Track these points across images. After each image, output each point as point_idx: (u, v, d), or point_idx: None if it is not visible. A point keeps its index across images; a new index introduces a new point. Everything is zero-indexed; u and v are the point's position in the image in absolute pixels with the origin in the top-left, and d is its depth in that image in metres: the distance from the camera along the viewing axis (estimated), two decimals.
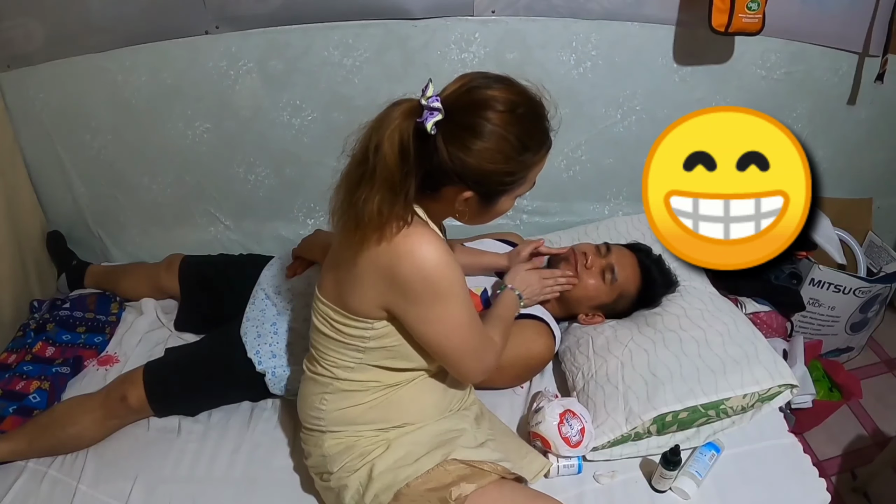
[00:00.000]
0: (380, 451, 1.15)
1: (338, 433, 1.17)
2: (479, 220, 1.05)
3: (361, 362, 1.12)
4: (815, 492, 1.27)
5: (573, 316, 1.57)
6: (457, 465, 1.12)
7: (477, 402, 1.35)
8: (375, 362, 1.12)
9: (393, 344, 1.09)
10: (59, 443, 1.35)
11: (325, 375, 1.16)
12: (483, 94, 0.92)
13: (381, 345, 1.09)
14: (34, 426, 1.37)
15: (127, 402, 1.37)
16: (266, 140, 1.85)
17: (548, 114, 0.97)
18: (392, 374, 1.14)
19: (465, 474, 1.11)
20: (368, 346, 1.09)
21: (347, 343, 1.10)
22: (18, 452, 1.34)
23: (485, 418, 1.33)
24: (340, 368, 1.14)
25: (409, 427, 1.18)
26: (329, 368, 1.15)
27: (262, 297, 1.52)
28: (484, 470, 1.13)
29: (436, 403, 1.21)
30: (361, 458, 1.15)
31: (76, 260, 1.95)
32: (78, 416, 1.36)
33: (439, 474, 1.10)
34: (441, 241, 1.00)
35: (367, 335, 1.08)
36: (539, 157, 0.98)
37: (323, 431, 1.18)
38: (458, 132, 0.90)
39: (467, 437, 1.19)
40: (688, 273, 1.61)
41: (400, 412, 1.17)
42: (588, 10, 1.67)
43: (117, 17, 1.62)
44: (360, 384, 1.14)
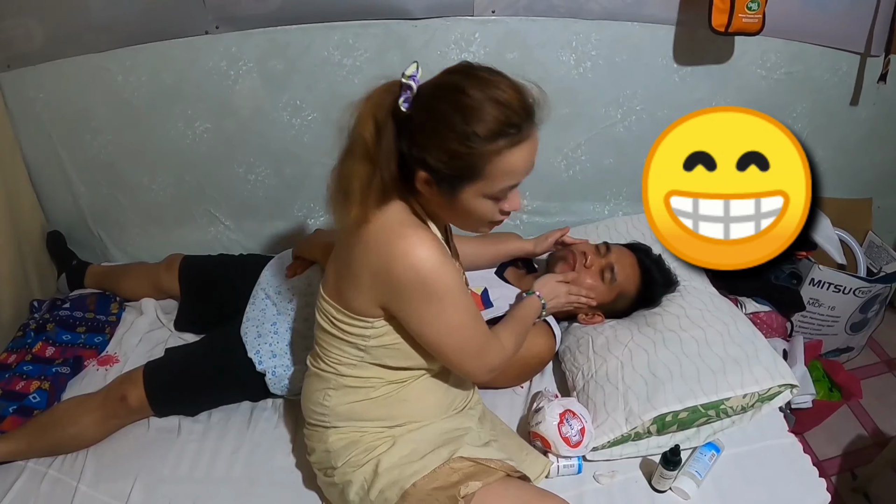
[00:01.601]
0: (385, 447, 1.15)
1: (342, 428, 1.17)
2: (453, 215, 1.03)
3: (363, 360, 1.12)
4: (815, 492, 1.27)
5: (573, 316, 1.57)
6: (463, 462, 1.12)
7: (481, 403, 1.35)
8: (377, 360, 1.12)
9: (393, 342, 1.09)
10: (59, 443, 1.35)
11: (328, 371, 1.16)
12: (451, 77, 0.94)
13: (381, 343, 1.09)
14: (34, 426, 1.37)
15: (127, 402, 1.37)
16: (266, 140, 1.85)
17: (528, 110, 0.93)
18: (394, 371, 1.14)
19: (471, 472, 1.11)
20: (369, 345, 1.09)
21: (349, 341, 1.10)
22: (18, 452, 1.34)
23: (487, 419, 1.33)
24: (343, 365, 1.14)
25: (414, 424, 1.18)
26: (332, 365, 1.15)
27: (262, 297, 1.52)
28: (490, 467, 1.13)
29: (440, 402, 1.21)
30: (367, 453, 1.15)
31: (76, 260, 1.95)
32: (78, 417, 1.36)
33: (446, 473, 1.10)
34: (436, 242, 1.00)
35: (367, 333, 1.08)
36: (494, 147, 0.91)
37: (327, 427, 1.18)
38: (418, 111, 0.92)
39: (473, 436, 1.19)
40: (688, 273, 1.61)
41: (404, 410, 1.17)
42: (588, 10, 1.67)
43: (117, 17, 1.62)
44: (364, 380, 1.14)
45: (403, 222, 1.00)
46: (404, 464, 1.12)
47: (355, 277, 1.03)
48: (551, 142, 1.89)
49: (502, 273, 1.62)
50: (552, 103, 0.96)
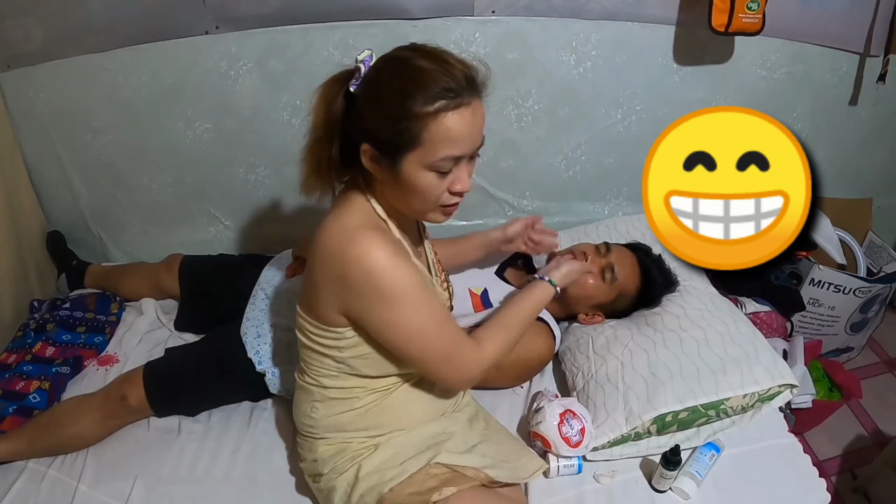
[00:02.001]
0: (368, 453, 1.16)
1: (329, 439, 1.18)
2: (400, 195, 1.00)
3: (342, 371, 1.12)
4: (815, 492, 1.27)
5: (573, 316, 1.57)
6: (440, 468, 1.12)
7: (472, 403, 1.35)
8: (355, 371, 1.12)
9: (366, 352, 1.09)
10: (59, 443, 1.35)
11: (312, 384, 1.16)
12: (397, 51, 0.97)
13: (355, 354, 1.09)
14: (34, 426, 1.37)
15: (127, 401, 1.37)
16: (266, 140, 1.85)
17: (469, 79, 0.93)
18: (374, 380, 1.14)
19: (447, 479, 1.11)
20: (345, 356, 1.09)
21: (325, 353, 1.10)
22: (18, 452, 1.34)
23: (479, 419, 1.32)
24: (325, 377, 1.14)
25: (399, 432, 1.18)
26: (315, 378, 1.15)
27: (262, 297, 1.52)
28: (465, 475, 1.13)
29: (425, 409, 1.21)
30: (351, 460, 1.16)
31: (76, 260, 1.95)
32: (78, 416, 1.36)
33: (422, 478, 1.11)
34: (390, 244, 0.99)
35: (340, 345, 1.08)
36: (430, 109, 0.90)
37: (316, 438, 1.19)
38: (364, 86, 0.95)
39: (456, 441, 1.19)
40: (688, 273, 1.61)
41: (390, 418, 1.17)
42: (588, 10, 1.67)
43: (117, 17, 1.62)
44: (347, 391, 1.14)
45: (360, 226, 1.00)
46: (384, 468, 1.13)
47: (318, 286, 1.03)
48: (551, 142, 1.90)
49: (502, 273, 1.62)
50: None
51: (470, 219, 2.04)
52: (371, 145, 0.95)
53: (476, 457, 1.17)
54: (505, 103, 1.79)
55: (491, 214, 2.04)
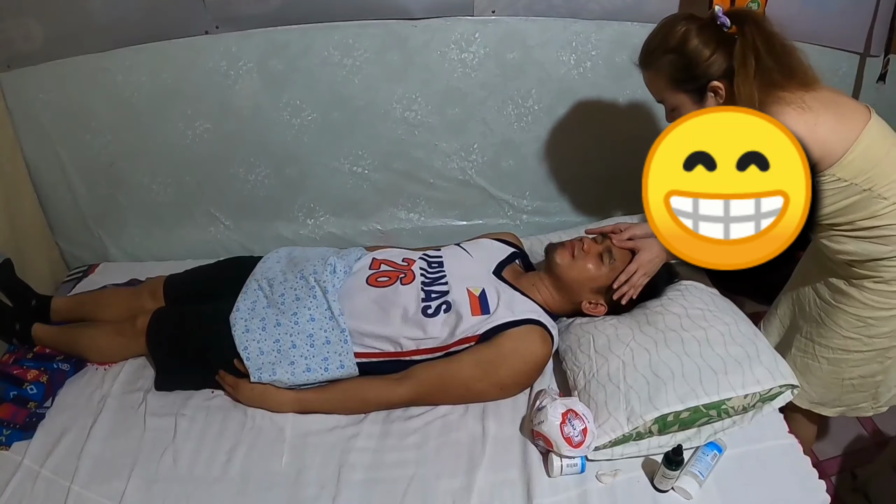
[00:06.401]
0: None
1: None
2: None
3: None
4: (815, 492, 1.27)
5: (577, 307, 1.55)
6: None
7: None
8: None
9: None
10: (83, 336, 1.55)
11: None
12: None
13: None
14: (78, 298, 1.68)
15: (135, 324, 1.49)
16: (266, 140, 1.85)
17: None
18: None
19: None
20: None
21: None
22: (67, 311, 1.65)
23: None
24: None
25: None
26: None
27: (254, 288, 1.52)
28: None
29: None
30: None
31: (35, 298, 1.67)
32: (111, 302, 1.64)
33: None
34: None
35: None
36: None
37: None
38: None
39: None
40: (688, 273, 1.61)
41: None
42: (588, 10, 1.67)
43: (117, 17, 1.62)
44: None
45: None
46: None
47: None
48: (551, 141, 1.90)
49: (500, 273, 1.60)
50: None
51: (470, 219, 2.04)
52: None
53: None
54: (505, 103, 1.79)
55: (491, 214, 2.04)
